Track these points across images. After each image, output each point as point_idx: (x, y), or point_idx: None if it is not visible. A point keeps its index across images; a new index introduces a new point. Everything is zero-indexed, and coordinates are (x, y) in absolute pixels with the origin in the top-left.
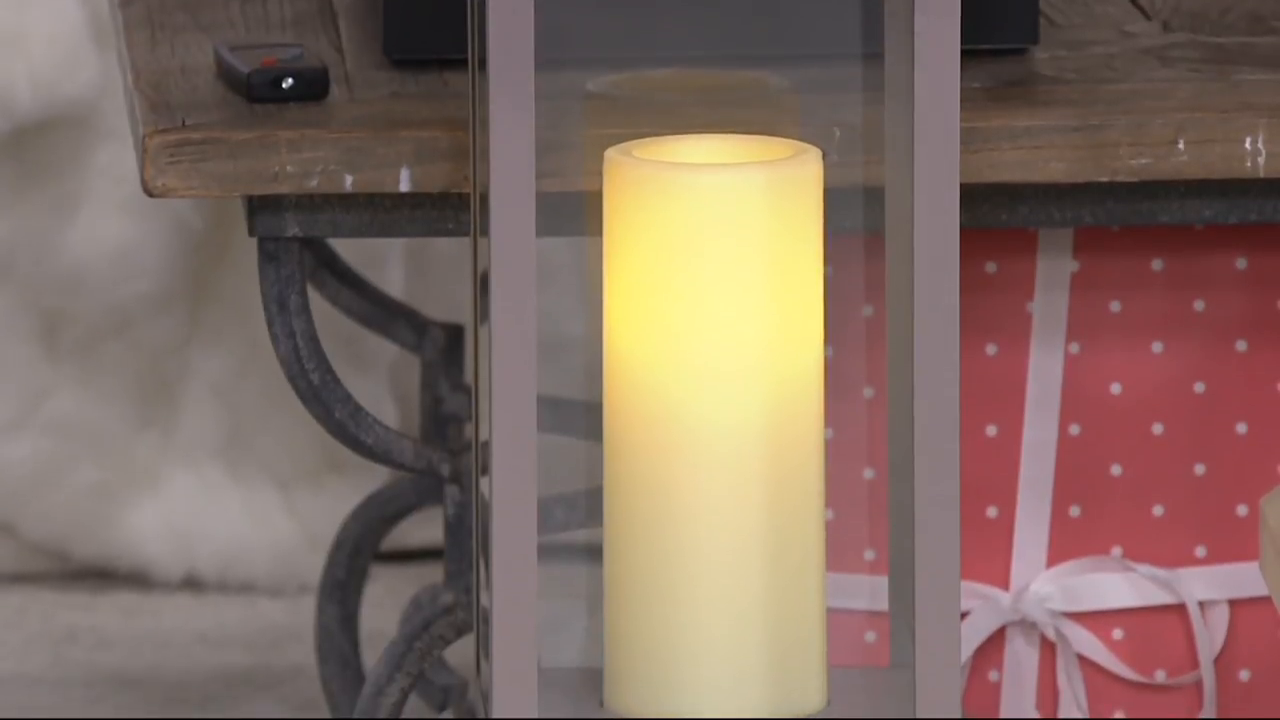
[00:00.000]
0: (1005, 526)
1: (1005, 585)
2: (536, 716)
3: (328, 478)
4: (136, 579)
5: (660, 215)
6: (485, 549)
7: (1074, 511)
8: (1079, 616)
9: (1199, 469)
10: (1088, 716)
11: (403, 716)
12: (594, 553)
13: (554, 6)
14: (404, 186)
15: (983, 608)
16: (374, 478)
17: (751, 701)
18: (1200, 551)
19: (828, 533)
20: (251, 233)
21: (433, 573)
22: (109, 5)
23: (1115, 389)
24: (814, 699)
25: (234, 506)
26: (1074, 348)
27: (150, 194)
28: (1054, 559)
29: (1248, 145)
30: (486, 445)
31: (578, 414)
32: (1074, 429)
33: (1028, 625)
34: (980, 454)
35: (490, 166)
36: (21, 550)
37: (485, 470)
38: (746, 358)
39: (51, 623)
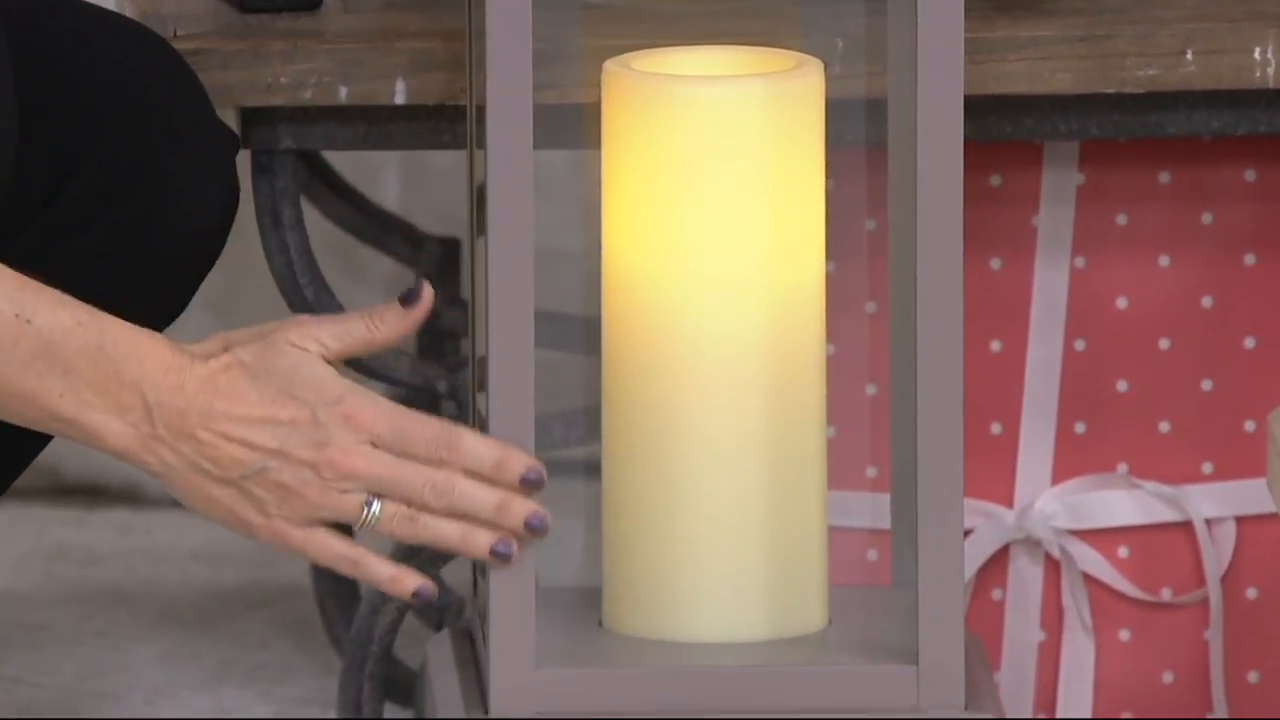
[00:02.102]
0: (1009, 443)
1: (1009, 503)
2: (534, 635)
3: None
4: (129, 496)
5: (659, 128)
6: None
7: (1079, 428)
8: (1084, 534)
9: (1206, 384)
10: (1092, 635)
11: (398, 635)
12: (592, 470)
13: None
14: (399, 98)
15: (986, 526)
16: None
17: (752, 621)
18: (1207, 468)
19: (829, 449)
20: (244, 146)
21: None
22: None
23: (1121, 304)
24: (815, 618)
25: None
26: (1080, 262)
27: None
28: (1059, 476)
29: (1257, 55)
30: (483, 361)
31: (576, 329)
32: (1079, 344)
33: (1032, 543)
34: (984, 370)
35: (487, 78)
36: None
37: (482, 386)
38: (747, 272)
39: (43, 539)
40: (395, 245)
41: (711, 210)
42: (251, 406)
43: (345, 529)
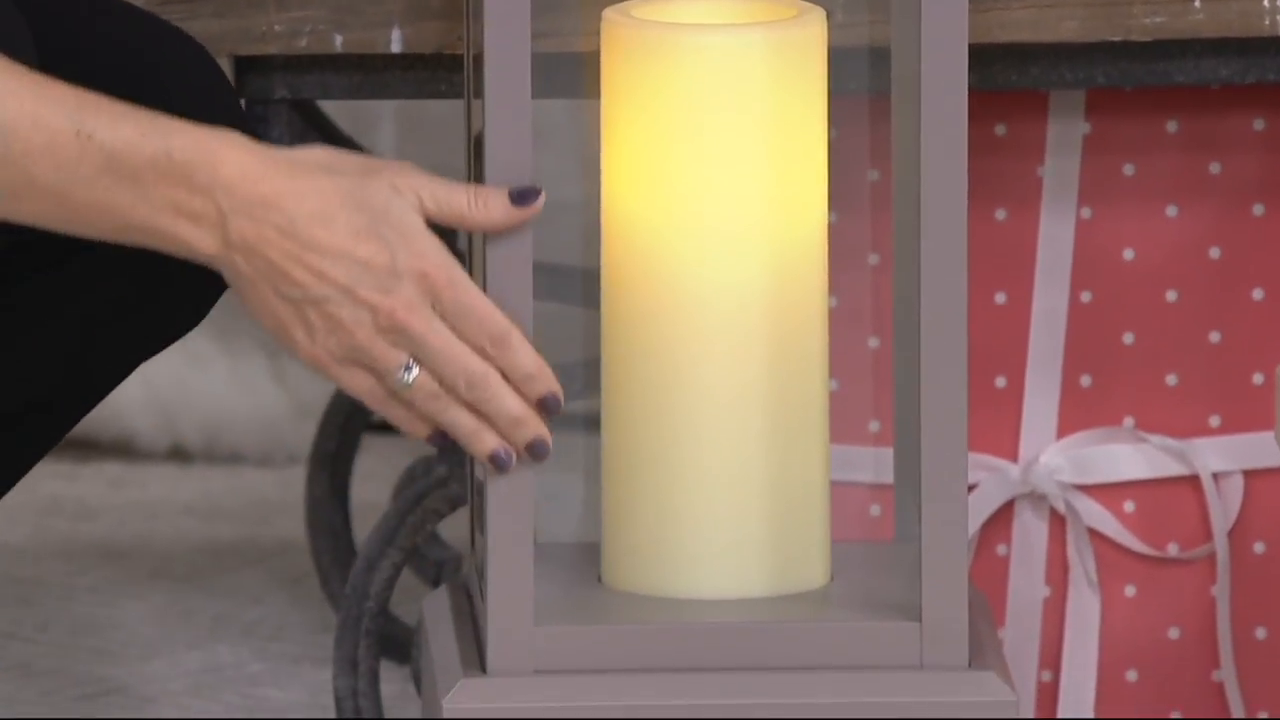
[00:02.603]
0: (1014, 397)
1: (1014, 457)
2: (532, 591)
3: None
4: (121, 449)
5: (660, 77)
6: None
7: (1085, 381)
8: (1089, 489)
9: (1214, 336)
10: (1097, 590)
11: (394, 591)
12: (591, 424)
13: None
14: (395, 47)
15: (990, 480)
16: None
17: (752, 577)
18: (1214, 421)
19: (831, 403)
20: (238, 96)
21: (426, 444)
22: None
23: (1128, 255)
24: (816, 574)
25: (221, 375)
26: (1086, 212)
27: None
28: (1064, 430)
29: (1265, 3)
30: None
31: (575, 281)
32: (1085, 296)
33: (1037, 498)
34: (989, 322)
35: (485, 26)
36: None
37: None
38: (748, 222)
39: (34, 493)
40: None
41: (712, 160)
42: (333, 232)
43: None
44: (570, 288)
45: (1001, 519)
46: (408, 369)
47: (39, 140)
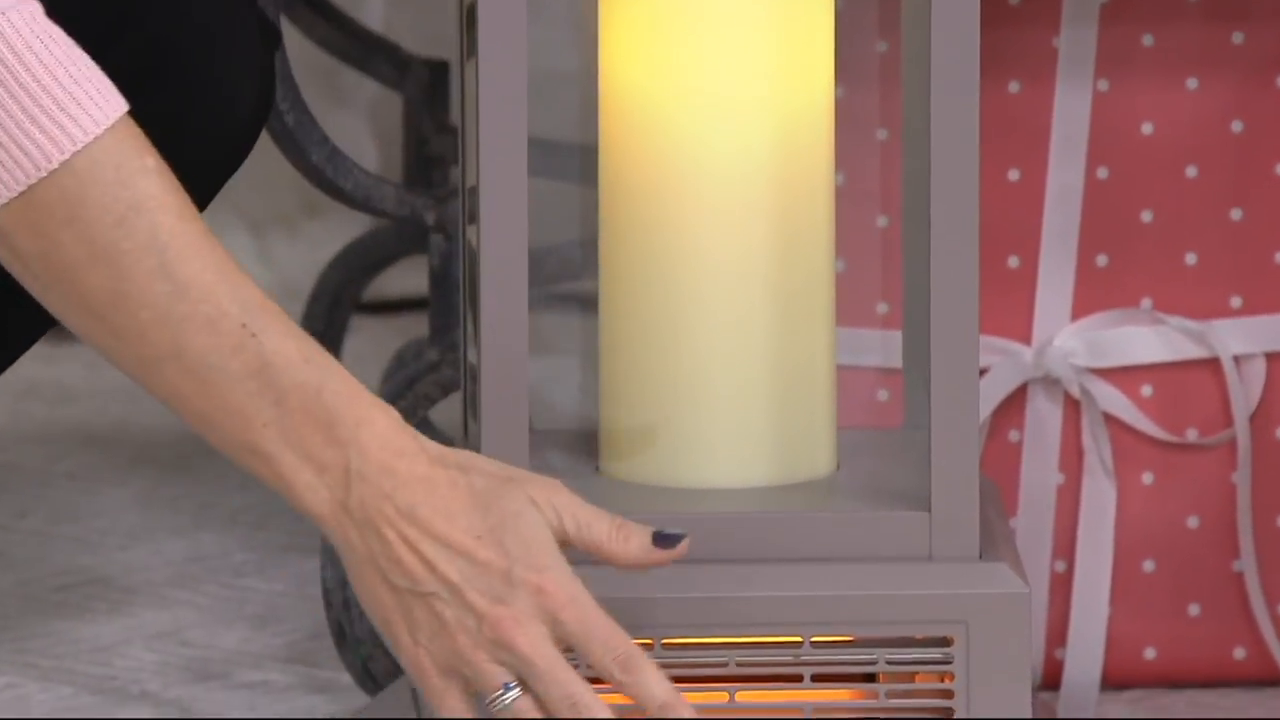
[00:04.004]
0: (1028, 277)
1: (1027, 340)
2: None
3: (304, 223)
4: None
5: None
6: (473, 302)
7: (1101, 260)
8: (1105, 372)
9: (1235, 214)
10: (1113, 478)
11: None
12: (589, 306)
13: None
14: None
15: (1003, 364)
16: (354, 224)
17: (756, 465)
18: (1235, 302)
19: (838, 284)
20: None
21: (417, 324)
22: None
23: (1146, 129)
24: (822, 462)
25: None
26: (1102, 85)
27: None
28: (1079, 311)
29: None
30: (474, 191)
31: (572, 156)
32: (1102, 172)
33: (1051, 382)
34: (1001, 200)
35: None
36: None
37: (472, 218)
38: (752, 94)
39: (10, 376)
40: (380, 68)
41: (715, 28)
42: (454, 529)
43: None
44: (567, 164)
45: (1014, 404)
46: (507, 688)
47: (204, 312)
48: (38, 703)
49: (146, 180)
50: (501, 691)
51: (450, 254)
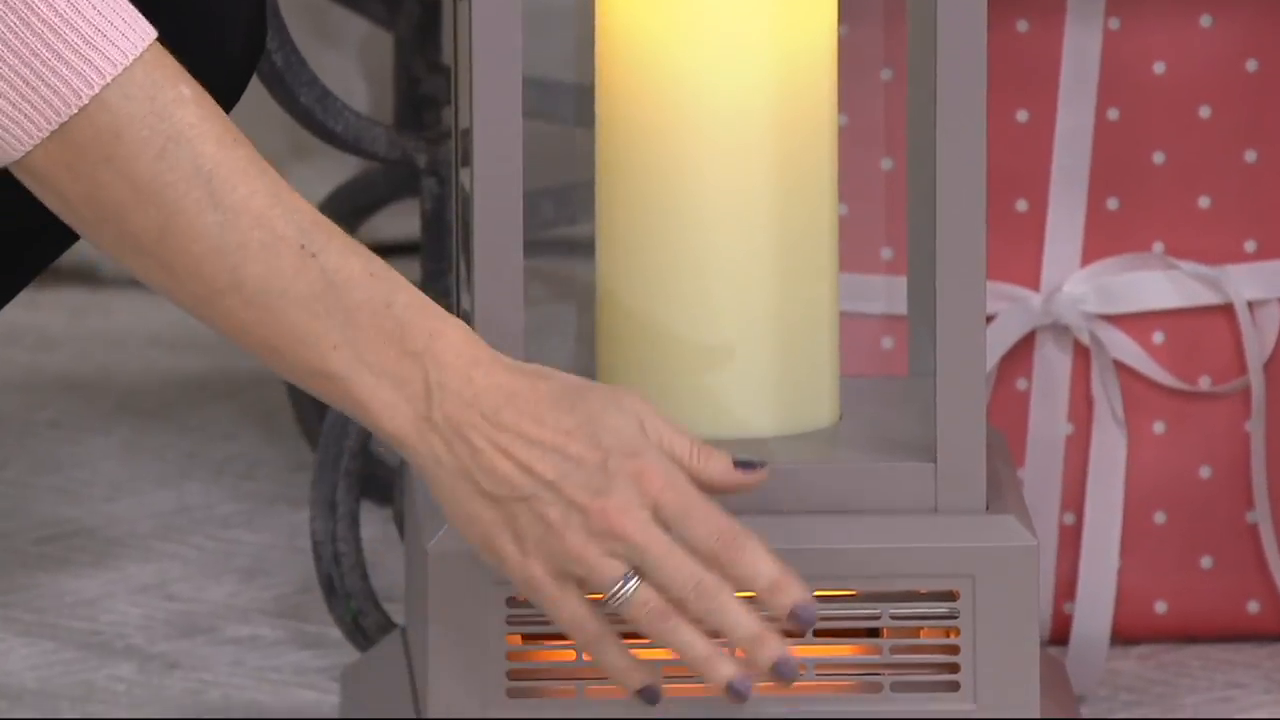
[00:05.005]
0: (1036, 221)
1: (1035, 285)
2: None
3: (293, 166)
4: (84, 275)
5: None
6: (466, 247)
7: (1112, 204)
8: (1116, 319)
9: (1250, 156)
10: (1124, 427)
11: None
12: (585, 251)
13: None
14: None
15: (1010, 310)
16: (344, 167)
17: (757, 415)
18: (1250, 246)
19: (841, 228)
20: None
21: (409, 270)
22: None
23: (1159, 68)
24: (826, 411)
25: None
26: (1114, 23)
27: None
28: (1089, 256)
29: None
30: (467, 133)
31: (568, 97)
32: (1112, 113)
33: (1059, 329)
34: (1009, 141)
35: None
36: None
37: (466, 160)
38: (753, 30)
39: None
40: (370, 4)
41: None
42: (543, 428)
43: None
44: (564, 104)
45: (1022, 352)
46: (627, 578)
47: (259, 238)
48: (20, 657)
49: (183, 109)
50: (621, 584)
51: (443, 198)
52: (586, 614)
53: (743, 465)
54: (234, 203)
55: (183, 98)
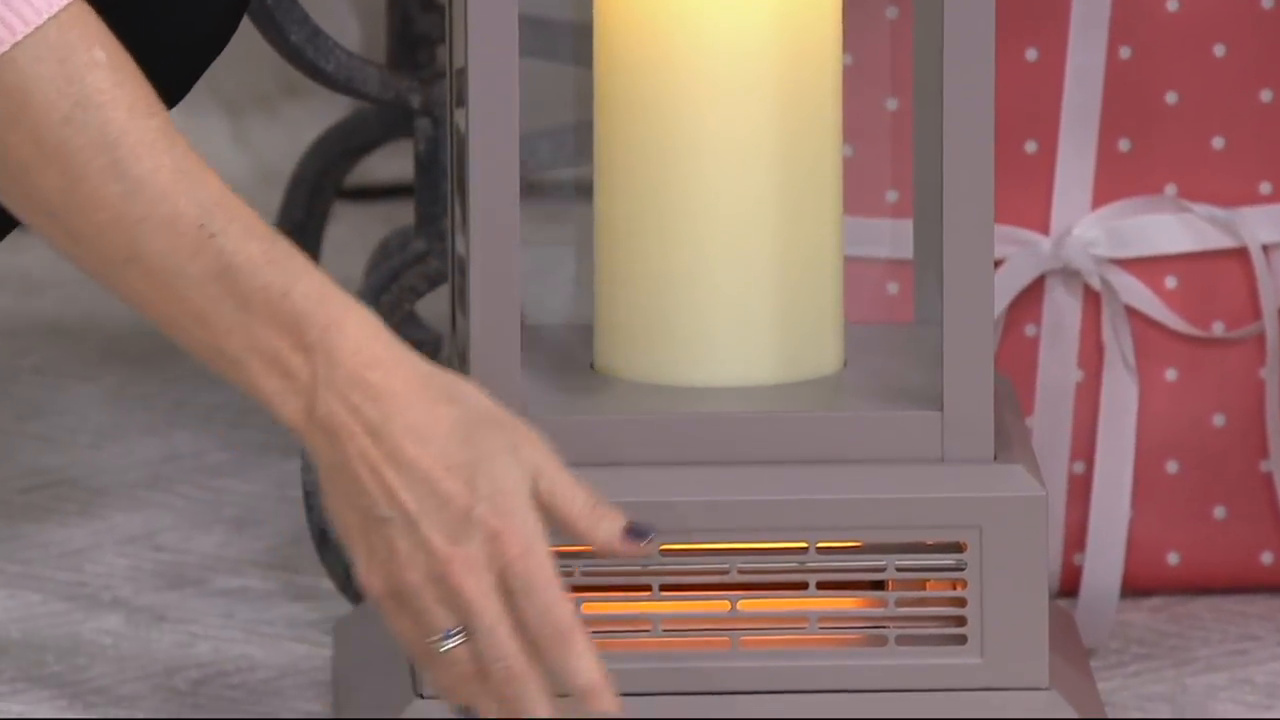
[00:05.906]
0: (1046, 163)
1: (1045, 229)
2: (520, 378)
3: (284, 105)
4: None
5: None
6: (461, 190)
7: (1123, 145)
8: (1127, 263)
9: (1265, 95)
10: (1135, 374)
11: None
12: (583, 193)
13: None
14: None
15: (1019, 255)
16: (335, 107)
17: (759, 362)
18: (1265, 188)
19: (845, 170)
20: None
21: (402, 212)
22: None
23: (1171, 5)
24: (830, 359)
25: None
26: None
27: None
28: (1100, 199)
29: None
30: (462, 72)
31: (566, 36)
32: (1124, 52)
33: (1070, 273)
34: (1018, 81)
35: None
36: None
37: (461, 101)
38: None
39: None
40: None
41: None
42: (424, 452)
43: None
44: (561, 43)
45: (1031, 297)
46: (449, 634)
47: (160, 213)
48: (4, 609)
49: (95, 74)
50: (443, 637)
51: (437, 139)
52: (416, 635)
53: (634, 533)
54: (139, 174)
55: (96, 61)
